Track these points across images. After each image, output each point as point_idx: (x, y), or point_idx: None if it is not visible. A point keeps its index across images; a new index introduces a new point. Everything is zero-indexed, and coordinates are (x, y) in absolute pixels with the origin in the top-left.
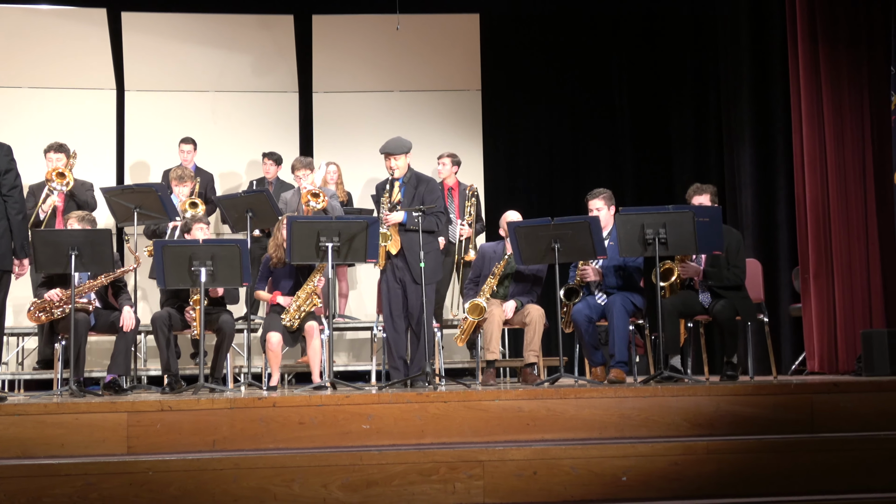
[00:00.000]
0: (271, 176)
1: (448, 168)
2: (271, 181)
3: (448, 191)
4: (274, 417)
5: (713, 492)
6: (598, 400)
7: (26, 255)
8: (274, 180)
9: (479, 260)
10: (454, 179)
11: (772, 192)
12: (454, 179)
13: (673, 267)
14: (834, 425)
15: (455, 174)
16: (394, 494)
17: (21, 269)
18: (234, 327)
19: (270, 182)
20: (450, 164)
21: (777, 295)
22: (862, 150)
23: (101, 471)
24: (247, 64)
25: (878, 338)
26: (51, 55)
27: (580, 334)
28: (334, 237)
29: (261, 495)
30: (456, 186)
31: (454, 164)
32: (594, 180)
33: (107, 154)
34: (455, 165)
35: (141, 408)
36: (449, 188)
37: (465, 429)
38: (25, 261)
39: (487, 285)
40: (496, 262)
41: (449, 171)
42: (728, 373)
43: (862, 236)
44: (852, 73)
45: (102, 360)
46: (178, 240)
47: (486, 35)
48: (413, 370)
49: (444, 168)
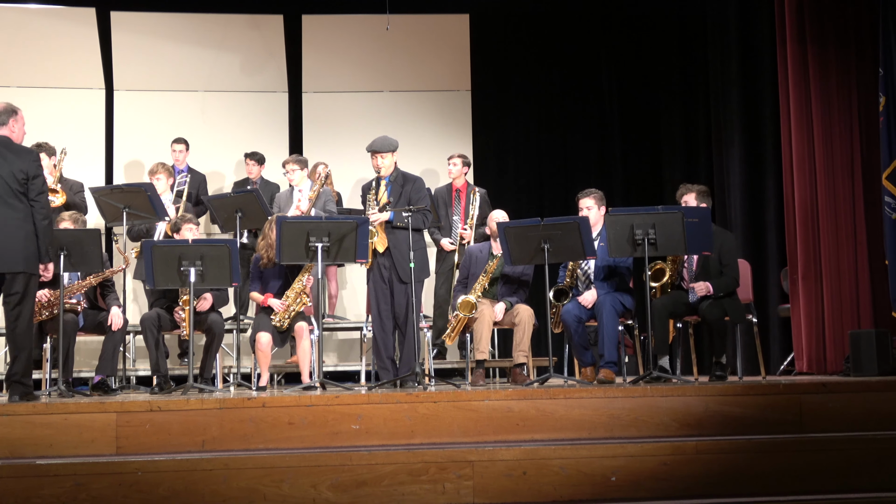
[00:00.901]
0: (255, 176)
1: (458, 168)
2: (255, 181)
3: (456, 192)
4: (263, 418)
5: (702, 492)
6: (588, 400)
7: (50, 260)
8: (258, 180)
9: (465, 261)
10: (463, 181)
11: (760, 192)
12: (463, 181)
13: (664, 268)
14: (822, 425)
15: (465, 175)
16: (383, 495)
17: (46, 272)
18: (224, 327)
19: (255, 182)
20: (460, 165)
21: (766, 295)
22: (850, 151)
23: (90, 471)
24: (236, 64)
25: (866, 338)
26: (40, 55)
27: (569, 334)
28: (324, 237)
29: (250, 495)
30: (464, 188)
31: (465, 165)
32: (583, 181)
33: (96, 154)
34: (465, 166)
35: (130, 408)
36: (457, 189)
37: (454, 429)
38: (50, 265)
39: (479, 283)
40: (483, 262)
41: (459, 171)
42: (717, 373)
43: (850, 237)
44: (840, 74)
45: (91, 360)
46: (166, 240)
47: (476, 35)
48: (401, 370)
49: (455, 168)
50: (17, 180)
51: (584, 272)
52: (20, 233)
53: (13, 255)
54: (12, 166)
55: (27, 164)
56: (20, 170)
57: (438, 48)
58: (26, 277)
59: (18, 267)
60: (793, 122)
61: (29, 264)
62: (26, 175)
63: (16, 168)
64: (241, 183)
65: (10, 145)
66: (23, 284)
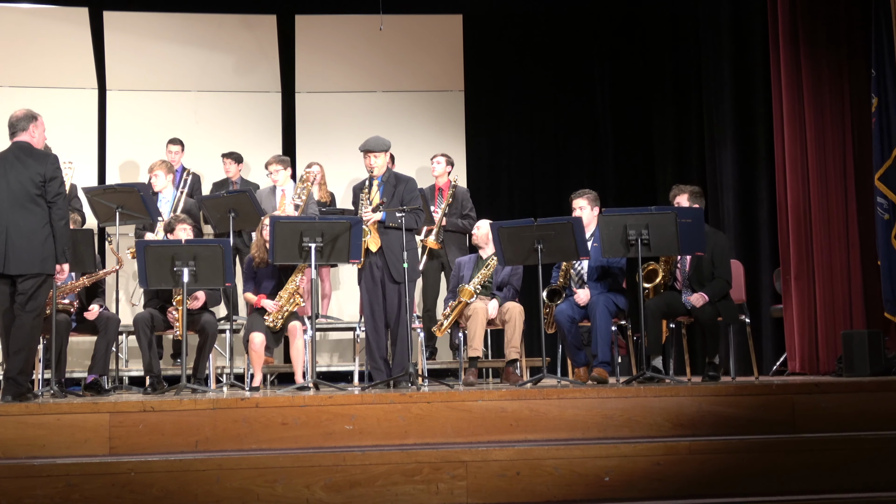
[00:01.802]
0: (234, 175)
1: (442, 167)
2: (235, 181)
3: (438, 191)
4: (257, 418)
5: (695, 492)
6: (581, 400)
7: (66, 260)
8: (238, 179)
9: (455, 271)
10: (446, 179)
11: (753, 193)
12: (446, 179)
13: (657, 268)
14: (815, 425)
15: (448, 174)
16: (377, 495)
17: (62, 273)
18: (217, 328)
19: (234, 182)
20: (444, 164)
21: (758, 296)
22: (843, 151)
23: (82, 471)
24: (229, 64)
25: (858, 338)
26: (32, 54)
27: (563, 335)
28: (317, 237)
29: (244, 496)
30: (447, 187)
31: (448, 164)
32: (576, 181)
33: (89, 154)
34: (449, 165)
35: (123, 408)
36: (440, 189)
37: (448, 429)
38: (66, 266)
39: (482, 275)
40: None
41: (443, 170)
42: (710, 373)
43: (843, 237)
44: (833, 75)
45: (83, 360)
46: (160, 240)
47: (469, 36)
48: (395, 370)
49: (439, 167)
50: (35, 184)
51: (578, 272)
52: (38, 237)
53: (31, 258)
54: (31, 171)
55: (45, 167)
56: (38, 173)
57: (432, 49)
58: (41, 277)
59: (35, 269)
60: (785, 123)
61: (46, 265)
62: (43, 178)
63: (34, 172)
64: (220, 184)
65: (30, 151)
66: (35, 283)
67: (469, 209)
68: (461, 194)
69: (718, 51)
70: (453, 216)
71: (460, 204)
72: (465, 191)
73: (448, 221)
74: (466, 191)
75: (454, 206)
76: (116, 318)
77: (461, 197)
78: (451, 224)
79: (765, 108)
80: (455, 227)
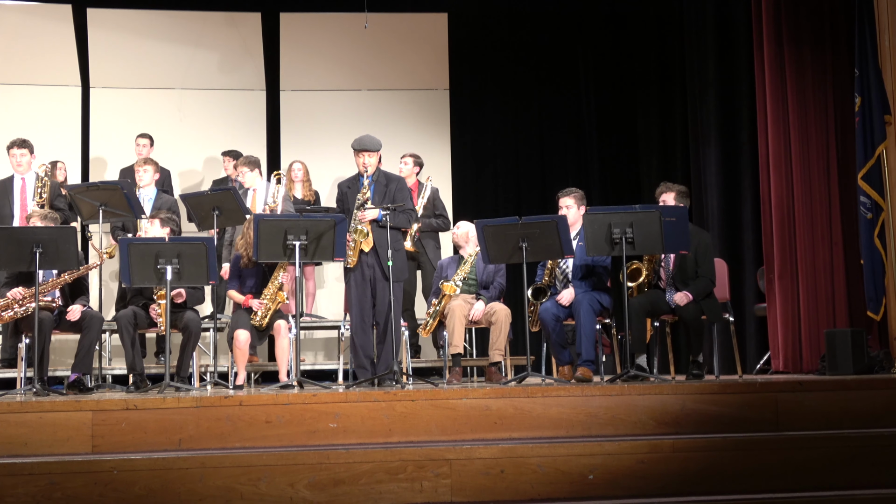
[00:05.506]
0: (234, 173)
1: (409, 168)
2: (235, 179)
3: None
4: (240, 416)
5: (679, 490)
6: (566, 398)
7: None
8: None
9: (438, 272)
10: (415, 180)
11: (737, 192)
12: (415, 180)
13: (640, 267)
14: (798, 424)
15: (416, 175)
16: (361, 493)
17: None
18: (201, 326)
19: (234, 180)
20: (412, 164)
21: (742, 294)
22: (826, 150)
23: (65, 470)
24: (213, 61)
25: (841, 337)
26: (15, 51)
27: (547, 333)
28: (301, 235)
29: (227, 494)
30: (415, 187)
31: (416, 165)
32: (561, 179)
33: (72, 151)
34: (417, 166)
35: (106, 407)
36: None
37: (432, 427)
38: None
39: (461, 270)
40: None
41: (410, 170)
42: (694, 372)
43: (826, 236)
44: (817, 75)
45: (66, 358)
46: (143, 237)
47: (455, 34)
48: (380, 369)
49: (406, 167)
50: None
51: (563, 271)
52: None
53: None
54: None
55: None
56: None
57: (417, 47)
58: None
59: None
60: (769, 122)
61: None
62: None
63: None
64: (220, 181)
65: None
66: None
67: (441, 208)
68: (433, 194)
69: (703, 50)
70: (426, 216)
71: (432, 204)
72: (436, 190)
73: (423, 222)
74: (437, 190)
75: (427, 206)
76: (100, 317)
77: (433, 197)
78: (425, 224)
79: (749, 107)
80: (429, 227)
